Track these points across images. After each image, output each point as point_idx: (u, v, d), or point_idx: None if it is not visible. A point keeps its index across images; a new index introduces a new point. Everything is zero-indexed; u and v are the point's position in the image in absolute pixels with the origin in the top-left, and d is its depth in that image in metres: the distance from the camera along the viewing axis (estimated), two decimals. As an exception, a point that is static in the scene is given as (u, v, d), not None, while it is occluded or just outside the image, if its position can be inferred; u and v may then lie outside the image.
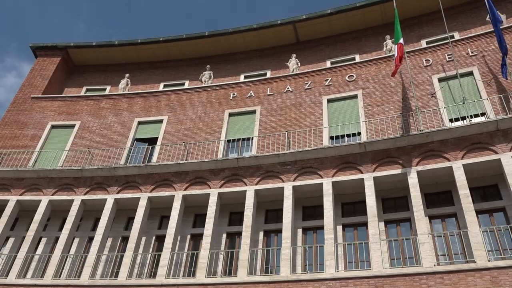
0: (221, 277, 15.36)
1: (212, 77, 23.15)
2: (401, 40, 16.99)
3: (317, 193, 16.30)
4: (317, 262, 15.36)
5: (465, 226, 13.70)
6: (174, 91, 22.68)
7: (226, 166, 17.65)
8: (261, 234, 16.64)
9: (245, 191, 16.88)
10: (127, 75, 24.51)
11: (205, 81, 22.91)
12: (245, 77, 23.03)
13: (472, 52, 18.05)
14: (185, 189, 17.65)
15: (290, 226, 15.54)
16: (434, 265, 13.16)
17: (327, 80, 20.11)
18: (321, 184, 16.20)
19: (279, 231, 16.13)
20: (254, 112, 20.37)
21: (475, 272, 12.49)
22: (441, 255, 14.23)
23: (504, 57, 16.13)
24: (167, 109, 21.84)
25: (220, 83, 22.17)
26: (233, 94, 21.33)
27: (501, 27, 17.02)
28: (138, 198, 17.77)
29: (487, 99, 16.32)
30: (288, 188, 16.50)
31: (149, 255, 16.83)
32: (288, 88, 20.61)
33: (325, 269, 14.23)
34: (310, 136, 18.21)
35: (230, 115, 20.66)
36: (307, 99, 19.88)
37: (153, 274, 16.18)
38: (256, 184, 17.03)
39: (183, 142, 19.57)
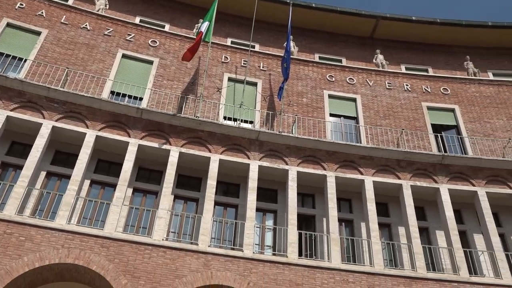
0: None
1: (1, -26, 19.57)
2: (203, 28, 17.87)
3: (77, 141, 15.49)
4: (50, 210, 14.56)
5: (202, 212, 15.06)
6: None
7: (-19, 79, 15.18)
8: (-3, 165, 14.85)
9: (-5, 113, 14.83)
10: None
11: (-10, -25, 19.20)
12: (42, -7, 20.21)
13: (262, 67, 20.06)
14: None
15: (34, 166, 14.34)
16: (163, 239, 14.03)
17: (130, 35, 19.38)
18: (85, 134, 15.49)
19: (20, 167, 14.68)
20: (38, 33, 18.10)
21: (194, 254, 13.82)
22: (172, 232, 15.28)
23: (284, 82, 18.45)
24: None
25: (9, -14, 18.95)
26: (21, 4, 18.52)
27: (291, 56, 19.45)
28: None
29: (258, 111, 18.37)
30: (47, 126, 15.21)
31: None
32: (86, 25, 19.04)
33: (56, 219, 13.62)
34: (92, 83, 17.20)
35: (9, 25, 17.85)
36: (103, 45, 18.74)
37: None
38: (11, 111, 15.17)
39: None
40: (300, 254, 14.83)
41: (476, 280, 14.68)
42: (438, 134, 18.89)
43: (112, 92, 17.47)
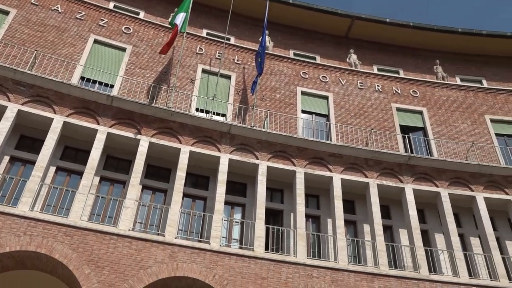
0: None
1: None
2: (179, 19, 17.66)
3: (43, 126, 15.08)
4: (13, 196, 14.13)
5: (170, 203, 14.95)
6: None
7: None
8: (-43, 147, 14.29)
9: (-43, 94, 14.26)
10: None
11: (-43, -51, 18.37)
12: (12, -29, 19.50)
13: (237, 60, 20.00)
14: None
15: (-3, 150, 13.90)
16: (129, 230, 13.85)
17: (103, 20, 18.95)
18: (52, 119, 15.09)
19: (-18, 151, 14.20)
20: (7, 13, 17.48)
21: (160, 245, 13.71)
22: (139, 222, 15.11)
23: (257, 76, 18.45)
24: None
25: (-23, -39, 18.18)
26: (-11, -19, 17.82)
27: (266, 51, 19.47)
28: None
29: (231, 104, 18.33)
30: (12, 110, 14.74)
31: None
32: (58, 7, 18.51)
33: (18, 205, 13.25)
34: (61, 67, 16.75)
35: (-25, 3, 17.17)
36: (74, 29, 18.27)
37: None
38: (-25, 92, 14.62)
39: None
40: (266, 248, 14.95)
41: (435, 278, 15.16)
42: (406, 135, 19.34)
43: (82, 78, 17.09)
